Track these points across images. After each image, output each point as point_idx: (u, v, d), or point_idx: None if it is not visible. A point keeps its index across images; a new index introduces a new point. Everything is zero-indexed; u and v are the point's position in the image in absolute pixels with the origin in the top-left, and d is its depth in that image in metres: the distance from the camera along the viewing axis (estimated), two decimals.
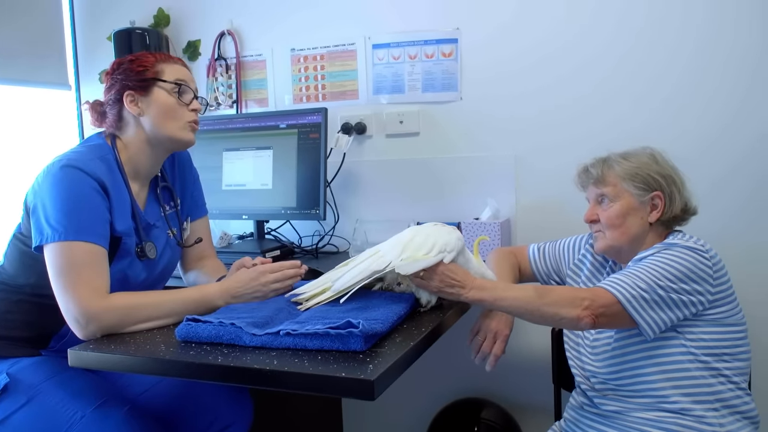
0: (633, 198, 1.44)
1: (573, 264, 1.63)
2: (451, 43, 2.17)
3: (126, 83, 1.51)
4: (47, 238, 1.35)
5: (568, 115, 2.06)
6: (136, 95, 1.51)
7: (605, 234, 1.47)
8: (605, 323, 1.32)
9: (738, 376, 1.37)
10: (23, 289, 1.50)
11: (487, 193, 2.13)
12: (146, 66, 1.52)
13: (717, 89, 1.92)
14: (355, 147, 2.31)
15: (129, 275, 1.51)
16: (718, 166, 1.93)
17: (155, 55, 1.56)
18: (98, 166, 1.44)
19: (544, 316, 1.32)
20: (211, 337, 1.25)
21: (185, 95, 1.55)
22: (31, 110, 2.60)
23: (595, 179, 1.49)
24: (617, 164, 1.47)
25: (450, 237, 1.42)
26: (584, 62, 2.03)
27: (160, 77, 1.52)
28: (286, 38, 2.40)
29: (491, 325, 1.50)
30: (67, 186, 1.38)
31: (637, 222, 1.44)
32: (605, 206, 1.46)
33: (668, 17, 1.94)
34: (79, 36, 2.73)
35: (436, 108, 2.22)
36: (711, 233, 1.85)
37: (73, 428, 1.37)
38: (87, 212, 1.38)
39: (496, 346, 1.49)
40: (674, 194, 1.43)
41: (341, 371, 1.08)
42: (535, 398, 2.14)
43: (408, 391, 2.33)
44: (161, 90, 1.52)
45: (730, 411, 1.35)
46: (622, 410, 1.41)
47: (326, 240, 2.31)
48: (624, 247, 1.45)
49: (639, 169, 1.44)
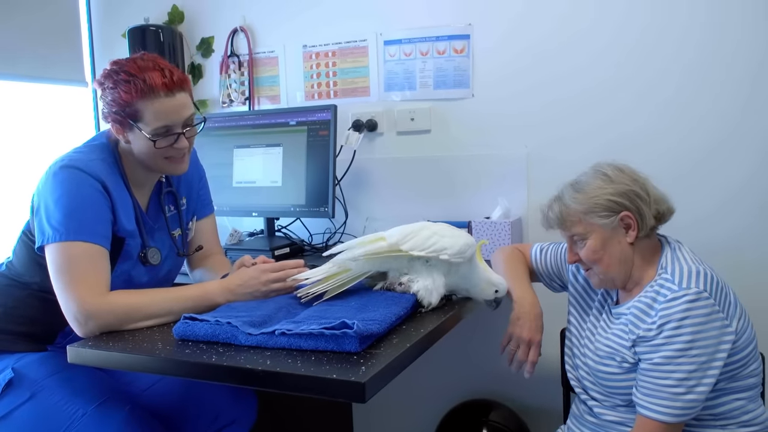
0: (602, 228, 1.36)
1: (571, 272, 1.59)
2: (463, 39, 2.14)
3: (108, 114, 1.44)
4: (48, 239, 1.36)
5: (580, 110, 2.02)
6: (119, 127, 1.45)
7: (594, 270, 1.41)
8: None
9: (748, 390, 1.33)
10: (30, 286, 1.51)
11: (499, 191, 2.10)
12: (123, 104, 1.40)
13: (724, 82, 1.87)
14: (366, 144, 2.29)
15: (133, 277, 1.51)
16: (736, 159, 1.88)
17: (134, 85, 1.38)
18: (99, 167, 1.44)
19: None
20: (207, 336, 1.24)
21: (167, 138, 1.44)
22: (48, 107, 2.63)
23: (558, 222, 1.41)
24: (572, 200, 1.38)
25: (455, 241, 1.41)
26: (596, 55, 1.99)
27: (139, 121, 1.41)
28: (298, 34, 2.39)
29: (523, 334, 1.47)
30: (68, 187, 1.38)
31: (617, 248, 1.36)
32: (580, 245, 1.40)
33: (676, 6, 1.89)
34: (95, 32, 2.75)
35: (448, 105, 2.19)
36: (728, 236, 1.82)
37: (73, 426, 1.38)
38: (88, 212, 1.39)
39: (531, 353, 1.46)
40: (641, 207, 1.35)
41: (333, 373, 1.06)
42: (544, 400, 2.10)
43: (416, 392, 2.32)
44: (140, 133, 1.42)
45: (736, 423, 1.31)
46: (623, 421, 1.38)
47: (336, 238, 2.30)
48: (615, 276, 1.39)
49: (596, 198, 1.35)
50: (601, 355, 1.41)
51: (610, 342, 1.39)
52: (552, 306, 1.59)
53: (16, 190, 2.40)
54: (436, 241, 1.40)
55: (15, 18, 2.42)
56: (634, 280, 1.39)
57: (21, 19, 2.44)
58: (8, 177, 2.44)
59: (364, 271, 1.44)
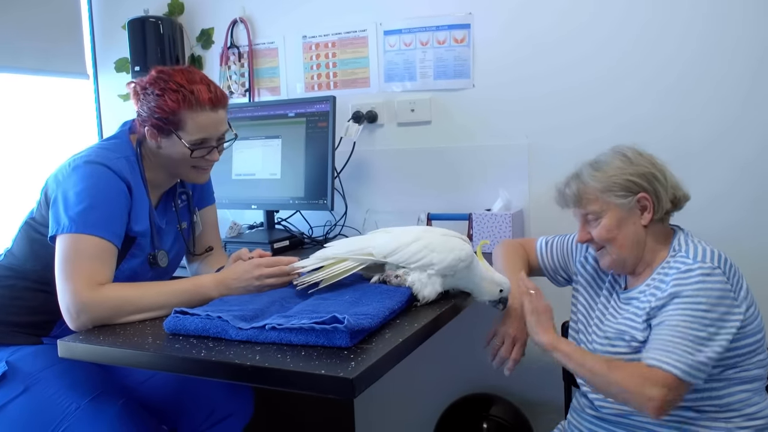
0: (619, 208, 1.36)
1: (579, 261, 1.57)
2: (463, 28, 2.11)
3: (147, 119, 1.48)
4: (63, 229, 1.36)
5: (581, 100, 1.99)
6: (155, 132, 1.48)
7: (607, 249, 1.40)
8: (674, 406, 1.24)
9: (753, 382, 1.30)
10: (29, 275, 1.51)
11: (500, 182, 2.07)
12: (168, 111, 1.44)
13: (727, 73, 1.84)
14: (366, 136, 2.27)
15: (138, 275, 1.52)
16: (738, 147, 1.85)
17: (181, 96, 1.44)
18: (124, 166, 1.46)
19: (608, 391, 1.28)
20: (198, 331, 1.23)
21: (203, 150, 1.50)
22: (49, 99, 2.62)
23: (574, 200, 1.41)
24: (591, 178, 1.38)
25: (444, 256, 1.38)
26: (598, 45, 1.96)
27: (180, 130, 1.46)
28: (297, 25, 2.36)
29: (509, 330, 1.45)
30: (92, 181, 1.40)
31: (632, 229, 1.37)
32: (594, 225, 1.39)
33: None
34: (96, 25, 2.74)
35: (448, 95, 2.16)
36: (723, 227, 1.79)
37: (67, 419, 1.38)
38: (107, 209, 1.40)
39: (515, 350, 1.44)
40: (659, 190, 1.35)
41: (322, 368, 1.05)
42: (545, 394, 2.08)
43: (417, 385, 2.30)
44: (178, 141, 1.47)
45: (741, 416, 1.29)
46: (624, 413, 1.36)
47: (337, 231, 2.29)
48: (627, 257, 1.38)
49: (615, 177, 1.36)
50: (610, 337, 1.39)
51: (620, 326, 1.38)
52: (555, 300, 1.56)
53: (18, 181, 2.40)
54: (424, 255, 1.38)
55: (17, 11, 2.42)
56: (644, 263, 1.39)
57: (23, 13, 2.44)
58: (10, 169, 2.44)
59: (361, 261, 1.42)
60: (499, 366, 1.47)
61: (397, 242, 1.41)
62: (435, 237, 1.42)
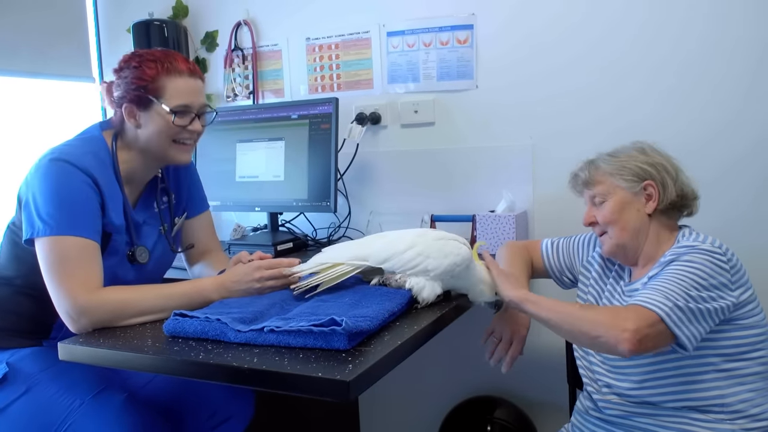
0: (625, 191, 1.38)
1: (586, 261, 1.57)
2: (466, 29, 2.10)
3: (125, 95, 1.47)
4: (38, 232, 1.35)
5: (585, 101, 1.98)
6: (134, 109, 1.47)
7: (609, 234, 1.41)
8: (649, 347, 1.19)
9: (757, 382, 1.29)
10: (14, 281, 1.50)
11: (504, 184, 2.06)
12: (147, 79, 1.44)
13: (726, 73, 1.83)
14: (370, 137, 2.27)
15: (118, 273, 1.49)
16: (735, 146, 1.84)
17: (159, 64, 1.46)
18: (89, 161, 1.42)
19: (581, 330, 1.22)
20: (197, 333, 1.23)
21: (184, 117, 1.49)
22: (54, 103, 2.63)
23: (585, 182, 1.44)
24: (604, 162, 1.43)
25: (440, 262, 1.38)
26: (600, 44, 1.95)
27: (160, 96, 1.45)
28: (301, 27, 2.36)
29: (507, 326, 1.45)
30: (56, 180, 1.37)
31: (635, 215, 1.38)
32: (600, 207, 1.41)
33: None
34: (101, 28, 2.75)
35: (452, 97, 2.15)
36: (719, 224, 1.78)
37: (71, 416, 1.37)
38: (78, 206, 1.38)
39: (513, 347, 1.44)
40: (666, 181, 1.37)
41: (319, 371, 1.04)
42: (550, 397, 2.07)
43: (421, 388, 2.29)
44: (159, 108, 1.46)
45: (746, 417, 1.28)
46: (627, 415, 1.35)
47: (341, 232, 2.28)
48: (628, 243, 1.39)
49: (626, 162, 1.40)
50: (632, 363, 1.37)
51: None
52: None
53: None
54: (419, 262, 1.38)
55: (23, 15, 2.43)
56: (647, 255, 1.38)
57: (28, 16, 2.45)
58: (15, 173, 2.44)
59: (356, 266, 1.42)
60: (496, 363, 1.46)
61: (392, 249, 1.40)
62: (430, 242, 1.41)
